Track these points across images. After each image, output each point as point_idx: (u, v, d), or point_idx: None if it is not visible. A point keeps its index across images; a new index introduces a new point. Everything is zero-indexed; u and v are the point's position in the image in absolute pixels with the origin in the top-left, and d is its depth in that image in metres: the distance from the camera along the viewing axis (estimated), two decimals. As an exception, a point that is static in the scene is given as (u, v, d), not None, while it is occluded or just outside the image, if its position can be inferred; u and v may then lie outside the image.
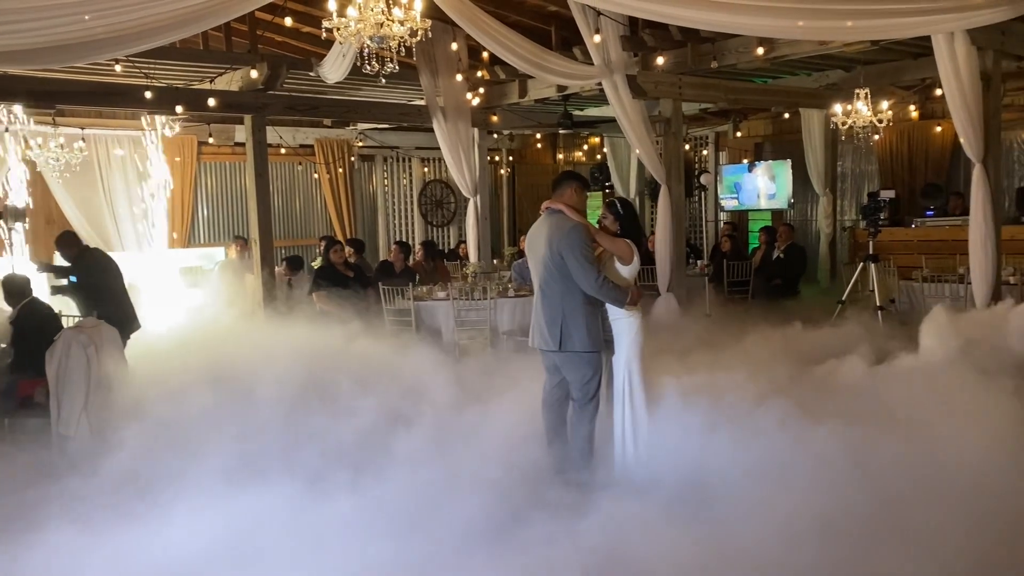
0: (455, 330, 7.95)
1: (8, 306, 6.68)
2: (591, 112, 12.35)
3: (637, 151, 9.75)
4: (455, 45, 9.14)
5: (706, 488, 4.17)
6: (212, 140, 11.58)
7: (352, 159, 13.72)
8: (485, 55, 9.26)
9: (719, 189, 13.74)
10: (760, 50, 8.09)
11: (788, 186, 12.64)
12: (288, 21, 8.16)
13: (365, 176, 14.38)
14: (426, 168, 14.87)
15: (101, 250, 8.10)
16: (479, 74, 10.09)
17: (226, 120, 11.34)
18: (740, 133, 14.08)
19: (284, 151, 12.48)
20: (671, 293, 9.12)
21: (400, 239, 13.35)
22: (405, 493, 4.19)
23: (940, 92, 7.41)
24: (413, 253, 11.61)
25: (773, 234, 11.30)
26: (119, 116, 11.00)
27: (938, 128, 11.78)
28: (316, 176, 13.59)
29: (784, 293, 10.48)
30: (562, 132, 13.51)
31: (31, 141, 9.96)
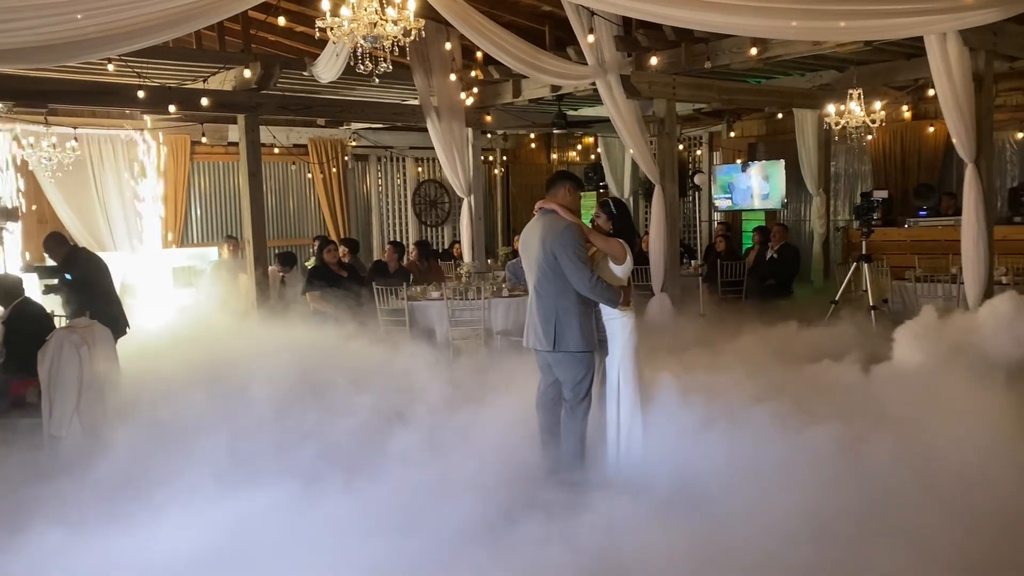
0: (449, 330, 7.96)
1: (0, 306, 6.66)
2: (585, 112, 12.36)
3: (631, 151, 9.75)
4: (449, 45, 9.13)
5: (699, 488, 4.18)
6: (205, 140, 11.53)
7: (346, 159, 13.69)
8: (479, 55, 9.24)
9: (713, 189, 13.75)
10: (754, 50, 8.11)
11: (781, 186, 12.67)
12: (281, 20, 8.13)
13: (359, 176, 14.35)
14: (420, 168, 14.86)
15: (89, 250, 8.08)
16: (473, 74, 10.08)
17: (219, 120, 11.31)
18: (734, 133, 14.11)
19: (278, 151, 12.47)
20: (665, 293, 9.14)
21: (394, 239, 13.34)
22: (399, 493, 4.19)
23: (933, 93, 7.41)
24: (407, 253, 11.60)
25: (767, 234, 11.33)
26: (112, 115, 10.97)
27: (931, 128, 11.83)
28: (310, 176, 13.55)
29: (778, 293, 10.52)
30: (556, 132, 13.51)
31: (23, 140, 9.92)
